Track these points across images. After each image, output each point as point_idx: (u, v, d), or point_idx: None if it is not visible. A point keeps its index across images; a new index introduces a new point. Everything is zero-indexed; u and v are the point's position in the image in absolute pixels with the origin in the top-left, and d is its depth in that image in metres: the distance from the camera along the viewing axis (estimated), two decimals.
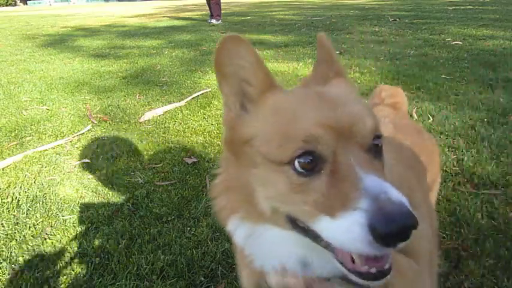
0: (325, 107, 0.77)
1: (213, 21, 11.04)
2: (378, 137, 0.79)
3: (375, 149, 0.78)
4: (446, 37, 6.87)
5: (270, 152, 0.75)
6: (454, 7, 11.75)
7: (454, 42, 6.36)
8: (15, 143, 3.31)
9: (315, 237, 0.75)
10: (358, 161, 0.72)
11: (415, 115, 3.36)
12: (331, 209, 0.69)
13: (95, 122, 3.71)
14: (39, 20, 16.25)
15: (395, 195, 0.65)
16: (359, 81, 4.49)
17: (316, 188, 0.72)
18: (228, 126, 0.85)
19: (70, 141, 3.30)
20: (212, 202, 0.90)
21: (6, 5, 45.41)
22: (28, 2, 50.37)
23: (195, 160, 2.83)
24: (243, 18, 12.59)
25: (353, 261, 0.73)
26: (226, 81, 0.82)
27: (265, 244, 0.85)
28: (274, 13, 13.59)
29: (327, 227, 0.70)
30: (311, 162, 0.72)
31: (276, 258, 0.85)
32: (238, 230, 0.86)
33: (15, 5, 47.25)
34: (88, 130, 3.52)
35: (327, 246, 0.74)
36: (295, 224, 0.77)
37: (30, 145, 3.26)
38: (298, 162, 0.72)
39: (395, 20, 9.39)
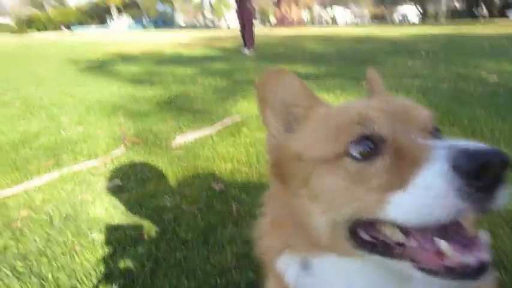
0: (377, 101, 0.74)
1: (246, 51, 11.35)
2: (438, 130, 0.71)
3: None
4: (480, 71, 6.74)
5: (323, 150, 0.69)
6: (489, 41, 11.56)
7: (489, 77, 6.22)
8: (52, 161, 3.46)
9: (385, 247, 0.62)
10: (422, 137, 0.62)
11: None
12: (399, 181, 0.57)
13: (128, 145, 3.83)
14: (81, 46, 17.23)
15: (476, 143, 0.55)
16: None
17: (378, 170, 0.62)
18: (273, 153, 0.83)
19: (103, 162, 3.41)
20: (256, 243, 0.84)
21: (54, 30, 48.63)
22: (72, 28, 53.77)
23: (222, 186, 2.85)
24: (275, 49, 12.86)
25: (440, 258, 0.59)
26: (272, 110, 0.81)
27: (323, 278, 0.74)
28: (305, 45, 13.81)
29: (398, 203, 0.56)
30: (370, 150, 0.64)
31: None
32: (290, 267, 0.76)
33: (61, 29, 50.58)
34: (121, 152, 3.64)
35: (402, 255, 0.61)
36: (358, 238, 0.66)
37: (66, 164, 3.39)
38: (356, 149, 0.64)
39: (429, 54, 9.32)
